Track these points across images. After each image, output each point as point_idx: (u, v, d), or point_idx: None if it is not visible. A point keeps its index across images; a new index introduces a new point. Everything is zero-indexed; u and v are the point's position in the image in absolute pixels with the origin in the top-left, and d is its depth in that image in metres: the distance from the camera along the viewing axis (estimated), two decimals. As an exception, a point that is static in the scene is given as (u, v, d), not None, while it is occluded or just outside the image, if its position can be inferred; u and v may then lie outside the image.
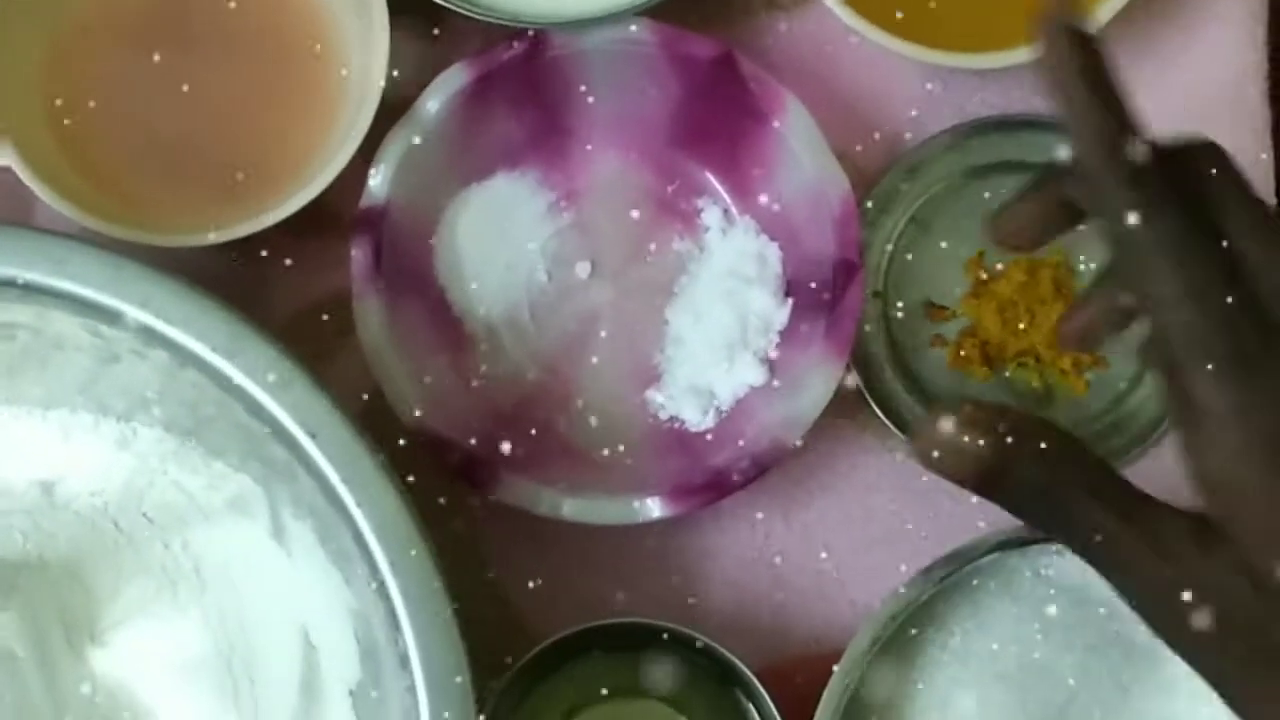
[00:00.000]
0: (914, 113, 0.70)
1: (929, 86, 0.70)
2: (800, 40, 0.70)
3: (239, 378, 0.58)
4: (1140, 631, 0.64)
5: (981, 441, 0.46)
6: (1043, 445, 0.47)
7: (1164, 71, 0.71)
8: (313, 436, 0.58)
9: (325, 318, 0.68)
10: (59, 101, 0.67)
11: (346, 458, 0.57)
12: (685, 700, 0.66)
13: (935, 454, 0.47)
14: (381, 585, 0.57)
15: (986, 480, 0.47)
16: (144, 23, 0.67)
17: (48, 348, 0.61)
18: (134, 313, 0.58)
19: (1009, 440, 0.46)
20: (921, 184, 0.69)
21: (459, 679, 0.56)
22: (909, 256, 0.69)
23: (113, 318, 0.58)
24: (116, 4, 0.68)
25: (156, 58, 0.67)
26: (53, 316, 0.59)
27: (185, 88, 0.67)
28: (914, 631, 0.64)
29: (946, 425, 0.47)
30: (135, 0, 0.68)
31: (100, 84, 0.67)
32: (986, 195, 0.69)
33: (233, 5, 0.67)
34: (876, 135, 0.70)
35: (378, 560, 0.57)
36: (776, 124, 0.66)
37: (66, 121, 0.67)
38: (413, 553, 0.57)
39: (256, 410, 0.58)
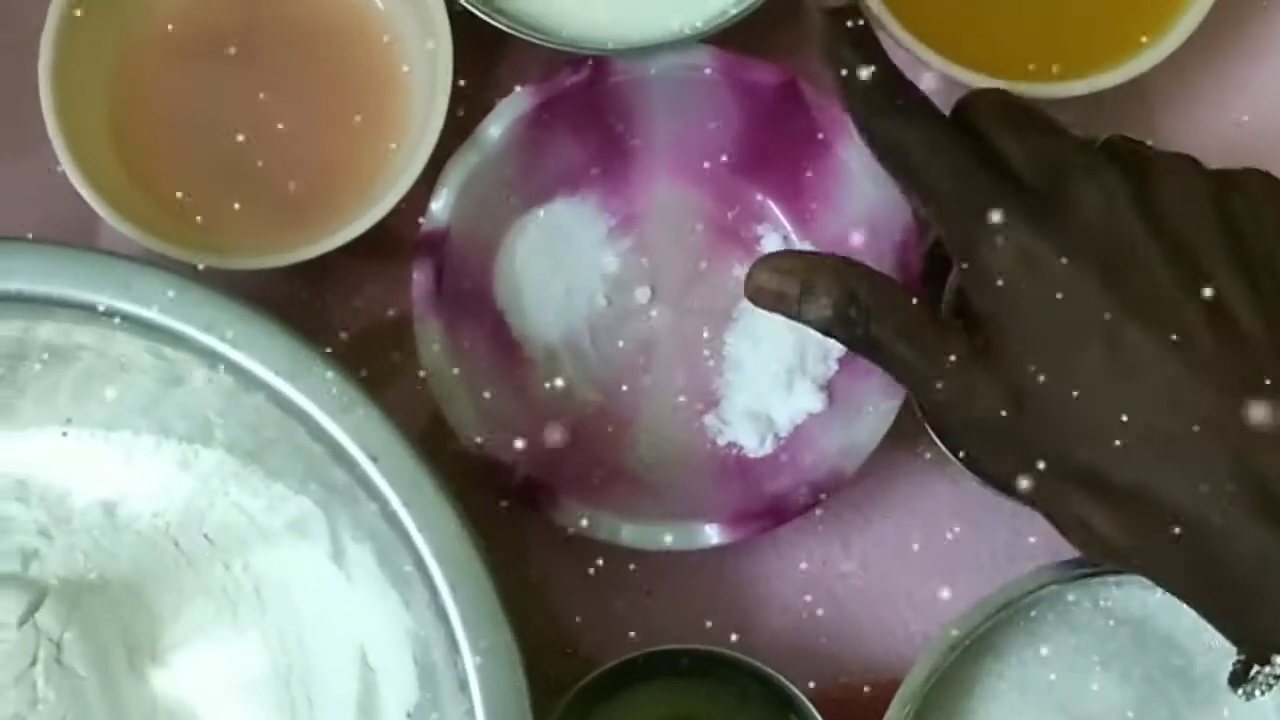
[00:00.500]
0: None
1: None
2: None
3: (301, 401, 0.58)
4: (1199, 664, 0.64)
5: (788, 282, 0.57)
6: (842, 284, 0.56)
7: (1229, 97, 0.70)
8: (374, 460, 0.58)
9: (386, 340, 0.68)
10: (123, 118, 0.67)
11: (408, 481, 0.58)
12: (741, 727, 0.66)
13: (759, 295, 0.58)
14: (441, 609, 0.57)
15: (801, 316, 0.57)
16: (211, 42, 0.68)
17: (112, 369, 0.61)
18: (198, 336, 0.58)
19: (814, 281, 0.56)
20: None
21: (518, 704, 0.56)
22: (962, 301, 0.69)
23: (177, 341, 0.58)
24: (185, 22, 0.68)
25: (222, 77, 0.67)
26: (117, 338, 0.60)
27: (250, 109, 0.67)
28: (971, 662, 0.64)
29: (761, 273, 0.58)
30: (204, 18, 0.68)
31: (165, 102, 0.68)
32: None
33: (302, 28, 0.68)
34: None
35: (438, 584, 0.57)
36: (839, 151, 0.66)
37: (130, 139, 0.67)
38: (472, 577, 0.57)
39: (318, 433, 0.58)
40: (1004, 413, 0.54)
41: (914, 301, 0.57)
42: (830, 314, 0.56)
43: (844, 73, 0.55)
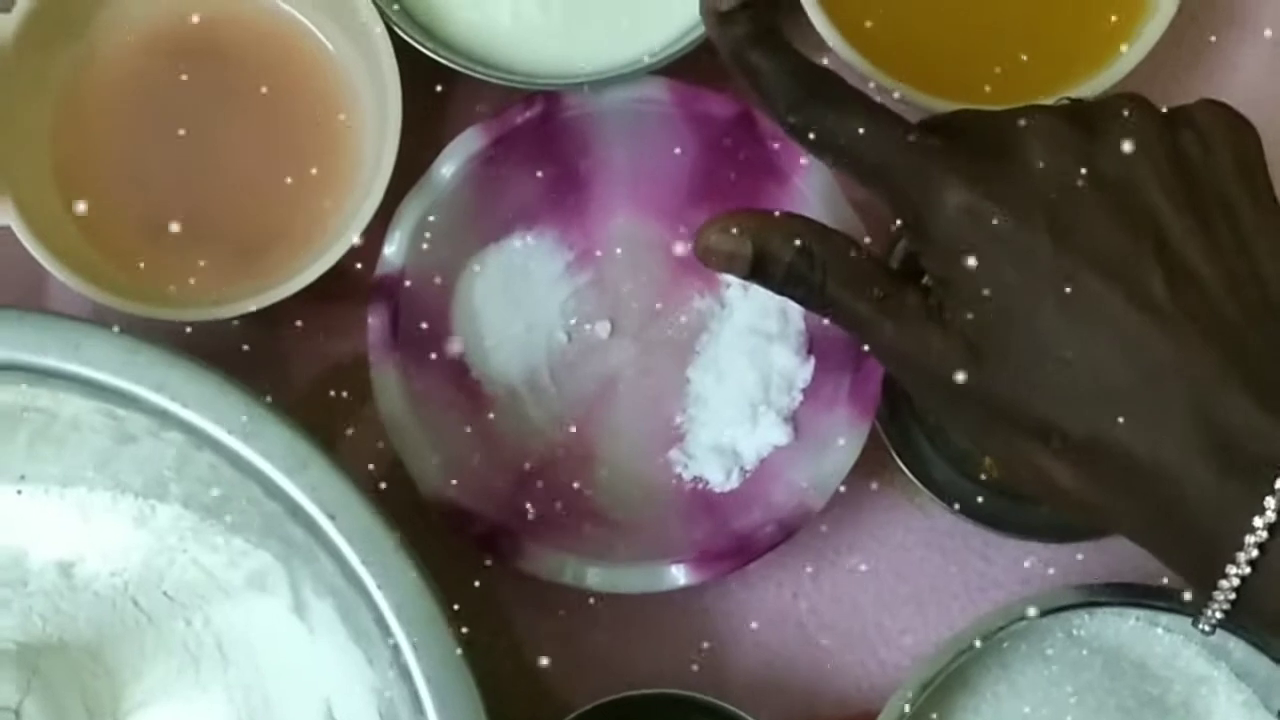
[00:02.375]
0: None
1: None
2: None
3: (256, 459, 0.57)
4: (1174, 692, 0.64)
5: (740, 242, 0.56)
6: (796, 241, 0.56)
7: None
8: (331, 518, 0.57)
9: (343, 384, 0.67)
10: (69, 170, 0.66)
11: (366, 539, 0.57)
12: (714, 769, 0.65)
13: (710, 257, 0.57)
14: (404, 668, 0.57)
15: (754, 273, 0.56)
16: (159, 90, 0.67)
17: (64, 428, 0.61)
18: (150, 396, 0.57)
19: (767, 239, 0.56)
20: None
21: (485, 762, 0.56)
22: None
23: (128, 401, 0.58)
24: (132, 71, 0.67)
25: (170, 125, 0.66)
26: (67, 399, 0.59)
27: (200, 157, 0.66)
28: (945, 697, 0.64)
29: (711, 234, 0.56)
30: (151, 67, 0.67)
31: (112, 153, 0.67)
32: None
33: (250, 73, 0.67)
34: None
35: (400, 641, 0.57)
36: (797, 181, 0.65)
37: (77, 191, 0.66)
38: (435, 635, 0.56)
39: (274, 491, 0.58)
40: (961, 370, 0.53)
41: (867, 256, 0.56)
42: (785, 273, 0.56)
43: (752, 74, 0.55)
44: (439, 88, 0.68)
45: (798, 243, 0.56)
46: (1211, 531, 0.50)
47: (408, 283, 0.65)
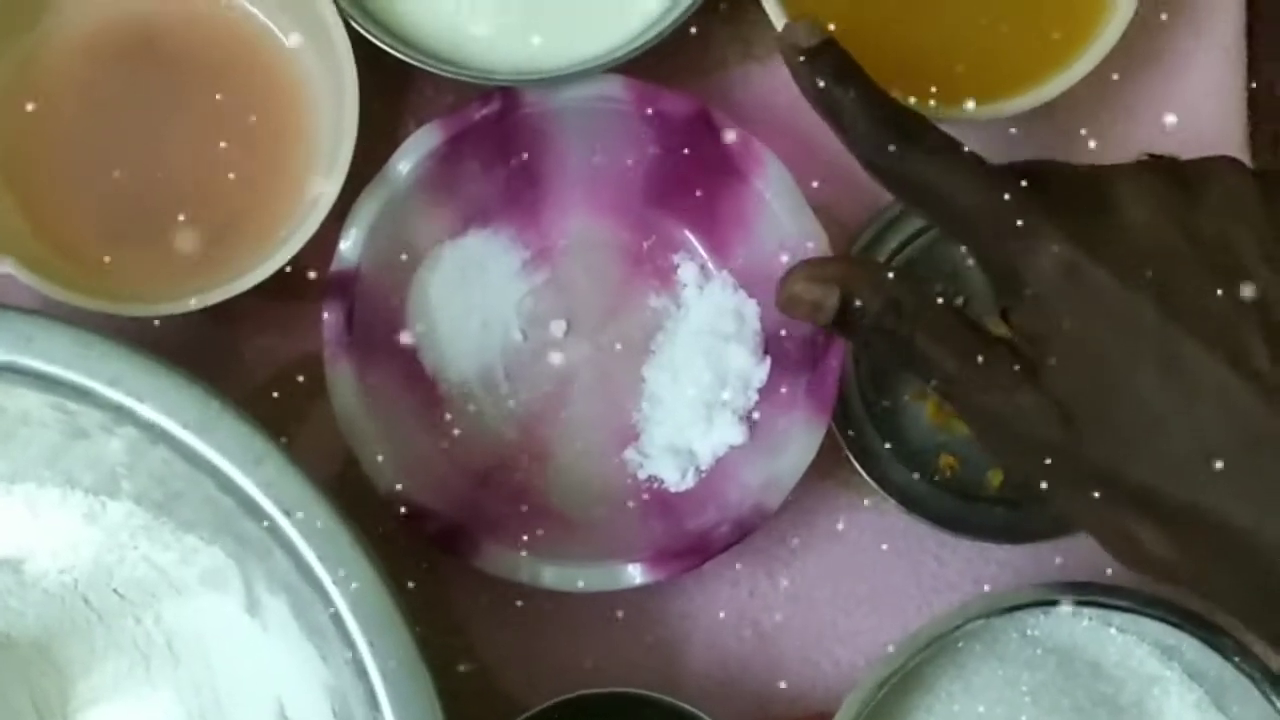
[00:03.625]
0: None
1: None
2: (777, 91, 0.69)
3: (211, 454, 0.57)
4: (1127, 691, 0.64)
5: (826, 292, 0.55)
6: (884, 292, 0.55)
7: (1145, 118, 0.70)
8: (288, 514, 0.56)
9: (297, 382, 0.66)
10: (19, 162, 0.65)
11: (323, 536, 0.56)
12: (669, 768, 0.65)
13: (795, 306, 0.56)
14: (360, 664, 0.56)
15: (838, 325, 0.56)
16: (112, 82, 0.66)
17: (13, 423, 0.60)
18: (103, 390, 0.57)
19: (850, 288, 0.55)
20: (902, 236, 0.68)
21: (441, 760, 0.55)
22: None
23: (81, 395, 0.57)
24: (83, 62, 0.66)
25: (123, 119, 0.66)
26: (17, 393, 0.58)
27: (153, 150, 0.65)
28: (900, 696, 0.64)
29: (797, 283, 0.56)
30: (104, 58, 0.66)
31: (64, 145, 0.66)
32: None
33: (207, 67, 0.66)
34: (857, 186, 0.69)
35: (355, 639, 0.56)
36: (755, 181, 0.65)
37: (28, 184, 0.65)
38: (392, 633, 0.56)
39: (228, 486, 0.57)
40: (1053, 432, 0.52)
41: (955, 311, 0.55)
42: (873, 324, 0.55)
43: (834, 112, 0.55)
44: (396, 84, 0.67)
45: (885, 295, 0.55)
46: None
47: (363, 279, 0.64)
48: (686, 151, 0.66)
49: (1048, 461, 0.53)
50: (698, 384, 0.66)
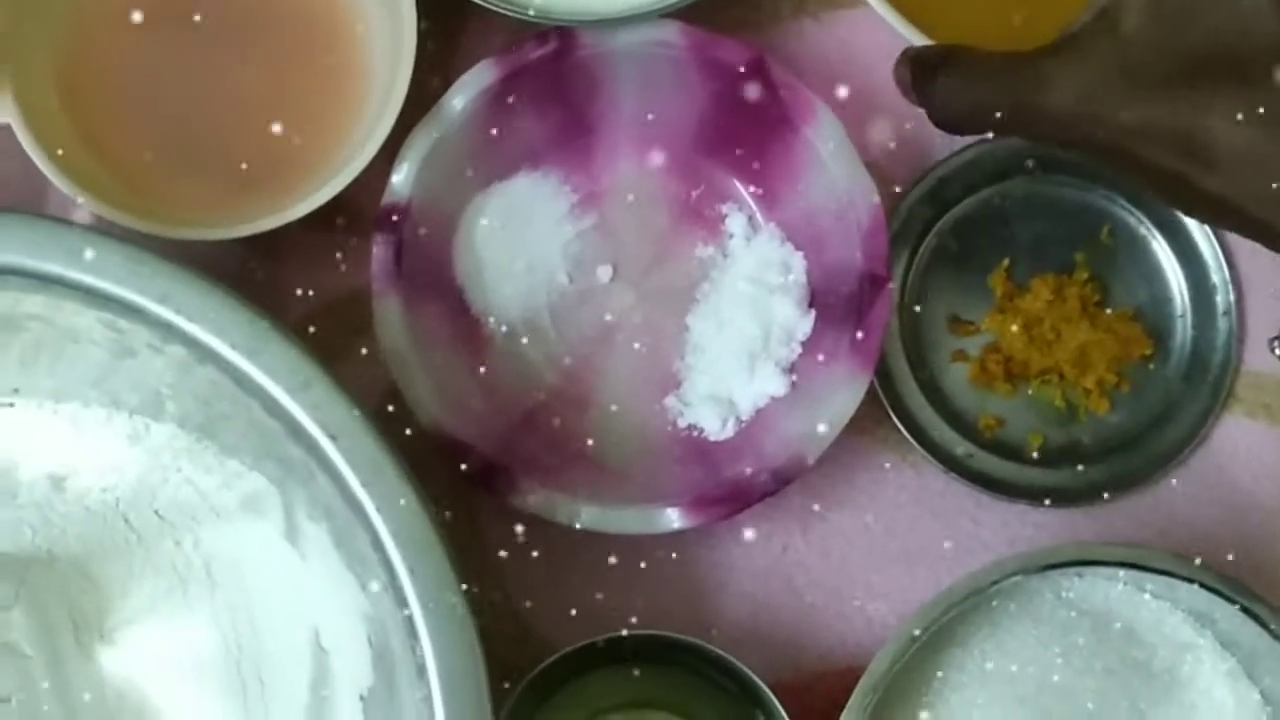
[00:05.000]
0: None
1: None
2: (830, 46, 0.69)
3: (258, 376, 0.57)
4: (1160, 657, 0.64)
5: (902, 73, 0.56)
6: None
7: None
8: (333, 439, 0.56)
9: (344, 314, 0.67)
10: (75, 80, 0.66)
11: (367, 462, 0.56)
12: (699, 714, 0.65)
13: (908, 95, 0.56)
14: (399, 592, 0.56)
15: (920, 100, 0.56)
16: (168, 11, 0.66)
17: (61, 339, 0.60)
18: (153, 308, 0.57)
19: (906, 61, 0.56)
20: (950, 196, 0.68)
21: (477, 692, 0.55)
22: (935, 269, 0.69)
23: (130, 312, 0.57)
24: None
25: (180, 44, 0.66)
26: (66, 308, 0.58)
27: (208, 76, 0.66)
28: (933, 652, 0.64)
29: (896, 73, 0.57)
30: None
31: (120, 66, 0.66)
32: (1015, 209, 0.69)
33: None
34: (907, 142, 0.69)
35: (396, 567, 0.56)
36: (807, 132, 0.65)
37: (82, 102, 0.65)
38: (432, 561, 0.56)
39: (275, 410, 0.57)
40: (1132, 18, 0.52)
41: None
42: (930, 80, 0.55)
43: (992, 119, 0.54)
44: (453, 20, 0.67)
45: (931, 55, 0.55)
46: None
47: (413, 214, 0.64)
48: (740, 101, 0.66)
49: (1139, 61, 0.52)
50: (741, 334, 0.66)
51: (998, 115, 0.54)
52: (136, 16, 0.65)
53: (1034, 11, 0.64)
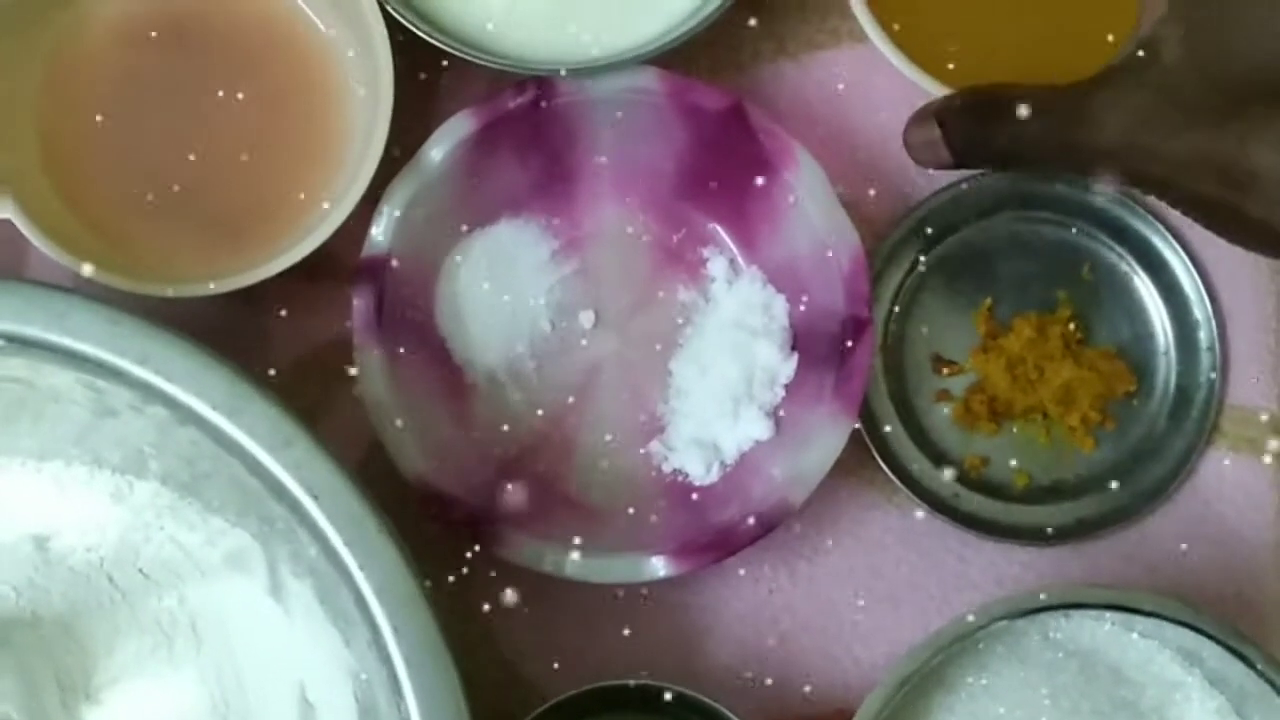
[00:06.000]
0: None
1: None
2: (810, 88, 0.69)
3: (239, 436, 0.57)
4: (1148, 696, 0.64)
5: (929, 129, 0.57)
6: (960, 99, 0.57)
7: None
8: (315, 498, 0.56)
9: (325, 366, 0.67)
10: (54, 139, 0.66)
11: (349, 520, 0.56)
12: (688, 761, 0.65)
13: (921, 156, 0.58)
14: (383, 650, 0.56)
15: (967, 154, 0.57)
16: (147, 63, 0.66)
17: (42, 400, 0.60)
18: (133, 369, 0.57)
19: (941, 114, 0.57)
20: (931, 236, 0.68)
21: (463, 749, 0.55)
22: (917, 310, 0.69)
23: (110, 373, 0.57)
24: (119, 43, 0.66)
25: (158, 100, 0.66)
26: (47, 370, 0.58)
27: (187, 132, 0.66)
28: (921, 696, 0.63)
29: (908, 135, 0.58)
30: (139, 39, 0.66)
31: (98, 124, 0.66)
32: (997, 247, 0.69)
33: (242, 51, 0.66)
34: (887, 183, 0.69)
35: (380, 624, 0.56)
36: (786, 176, 0.65)
37: (62, 160, 0.65)
38: (416, 619, 0.56)
39: (256, 469, 0.57)
40: (1172, 49, 0.53)
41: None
42: (978, 132, 0.57)
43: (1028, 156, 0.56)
44: (431, 71, 0.67)
45: (974, 100, 0.56)
46: None
47: (394, 264, 0.64)
48: (719, 146, 0.66)
49: (1172, 96, 0.53)
50: (724, 378, 0.66)
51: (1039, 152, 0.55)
52: (109, 80, 0.65)
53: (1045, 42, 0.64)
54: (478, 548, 0.63)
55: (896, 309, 0.68)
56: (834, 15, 0.69)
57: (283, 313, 0.67)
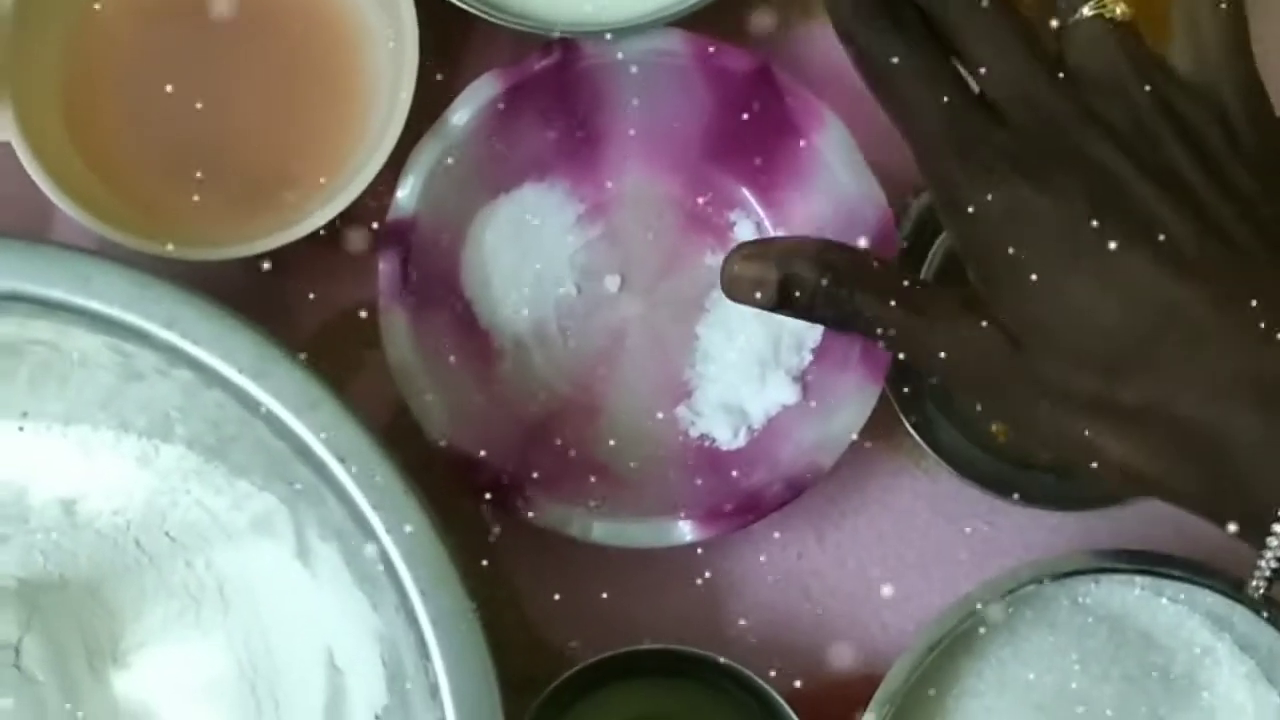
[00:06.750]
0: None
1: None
2: (837, 52, 0.69)
3: (265, 399, 0.57)
4: (1178, 662, 0.64)
5: (765, 267, 0.55)
6: (822, 260, 0.55)
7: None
8: (341, 460, 0.56)
9: (351, 331, 0.66)
10: (78, 101, 0.65)
11: (376, 483, 0.56)
12: (715, 726, 0.65)
13: (737, 286, 0.56)
14: (410, 613, 0.56)
15: (781, 304, 0.55)
16: (171, 23, 0.66)
17: (68, 364, 0.60)
18: (159, 332, 0.57)
19: (788, 262, 0.55)
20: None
21: (490, 711, 0.55)
22: (945, 273, 0.68)
23: (137, 337, 0.57)
24: (142, 5, 0.66)
25: (182, 61, 0.66)
26: (74, 333, 0.58)
27: (211, 94, 0.65)
28: (950, 661, 0.63)
29: (735, 263, 0.56)
30: (162, 4, 0.66)
31: (122, 86, 0.66)
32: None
33: (266, 12, 0.66)
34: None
35: (407, 587, 0.56)
36: (814, 139, 0.65)
37: (86, 123, 0.65)
38: (443, 582, 0.56)
39: (283, 432, 0.57)
40: (1002, 354, 0.53)
41: (892, 269, 0.56)
42: (813, 294, 0.55)
43: None
44: (456, 33, 0.67)
45: (823, 265, 0.55)
46: (1262, 483, 0.50)
47: (419, 229, 0.64)
48: (745, 108, 0.66)
49: (1004, 386, 0.54)
50: (751, 343, 0.66)
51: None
52: (134, 45, 0.65)
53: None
54: (504, 512, 0.63)
55: (925, 273, 0.68)
56: (862, -23, 0.69)
57: (309, 279, 0.67)
